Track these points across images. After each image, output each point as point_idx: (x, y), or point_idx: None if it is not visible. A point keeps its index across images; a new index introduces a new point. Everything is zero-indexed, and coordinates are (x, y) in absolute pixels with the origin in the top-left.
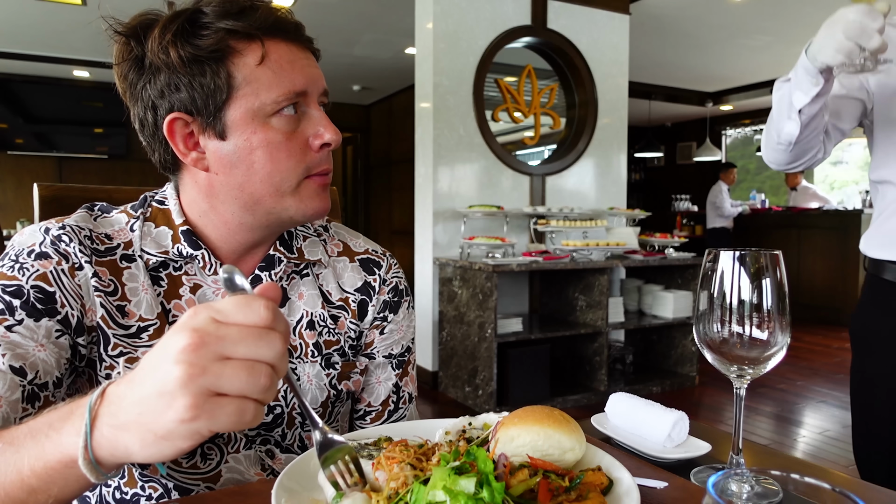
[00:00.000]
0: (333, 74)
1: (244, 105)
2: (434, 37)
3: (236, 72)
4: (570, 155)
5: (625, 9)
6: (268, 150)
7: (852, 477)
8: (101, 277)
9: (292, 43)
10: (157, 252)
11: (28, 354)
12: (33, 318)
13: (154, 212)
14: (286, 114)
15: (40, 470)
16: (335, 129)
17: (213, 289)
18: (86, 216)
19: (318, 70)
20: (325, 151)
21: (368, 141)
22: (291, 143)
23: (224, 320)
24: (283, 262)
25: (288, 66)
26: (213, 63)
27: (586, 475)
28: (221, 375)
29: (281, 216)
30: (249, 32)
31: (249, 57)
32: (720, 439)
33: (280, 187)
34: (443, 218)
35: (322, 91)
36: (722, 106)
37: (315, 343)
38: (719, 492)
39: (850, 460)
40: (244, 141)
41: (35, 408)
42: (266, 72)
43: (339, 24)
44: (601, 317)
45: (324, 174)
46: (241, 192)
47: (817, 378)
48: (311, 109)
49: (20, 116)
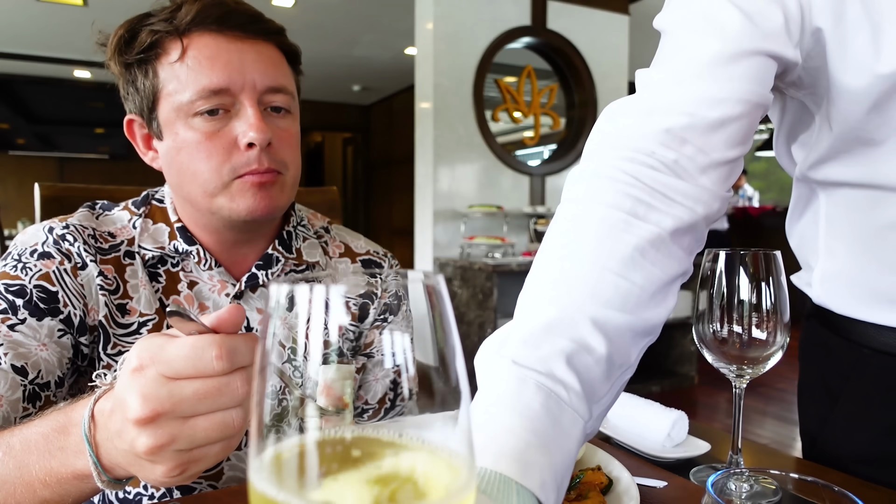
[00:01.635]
0: (333, 74)
1: (169, 104)
2: (434, 37)
3: (161, 71)
4: (570, 155)
5: (624, 9)
6: (189, 150)
7: (852, 477)
8: (105, 276)
9: (220, 35)
10: (153, 248)
11: (30, 354)
12: (36, 317)
13: (153, 209)
14: (206, 112)
15: (54, 484)
16: (261, 128)
17: (210, 285)
18: (88, 215)
19: (258, 63)
20: (253, 151)
21: (368, 141)
22: (214, 143)
23: (175, 376)
24: (282, 261)
25: (206, 61)
26: (143, 65)
27: (586, 475)
28: (193, 437)
29: (221, 216)
30: (169, 30)
31: (172, 54)
32: (719, 439)
33: (206, 187)
34: (443, 218)
35: (264, 88)
36: None
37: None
38: (718, 491)
39: None
40: (172, 141)
41: (36, 407)
42: (182, 69)
43: (339, 24)
44: None
45: (256, 173)
46: (181, 191)
47: None
48: (244, 106)
49: (22, 117)
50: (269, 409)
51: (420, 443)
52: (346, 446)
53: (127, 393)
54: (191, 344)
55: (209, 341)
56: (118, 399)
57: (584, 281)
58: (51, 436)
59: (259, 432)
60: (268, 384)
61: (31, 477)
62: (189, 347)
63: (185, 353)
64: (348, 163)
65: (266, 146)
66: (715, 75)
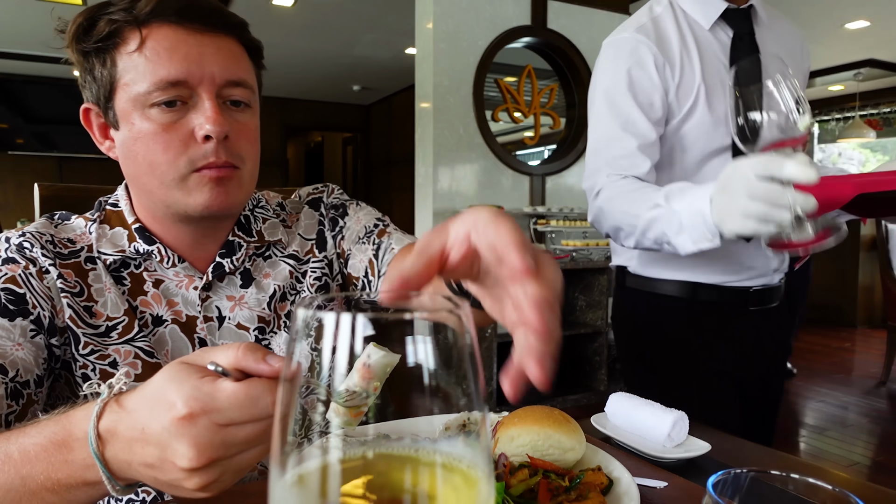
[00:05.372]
0: (333, 74)
1: (125, 94)
2: (434, 37)
3: (119, 61)
4: (570, 155)
5: (625, 9)
6: (145, 141)
7: (852, 477)
8: (66, 279)
9: (180, 26)
10: (113, 251)
11: (7, 353)
12: (7, 318)
13: (108, 214)
14: (163, 104)
15: (62, 491)
16: (217, 120)
17: (176, 281)
18: (46, 223)
19: (218, 56)
20: (210, 144)
21: (368, 141)
22: (170, 135)
23: (228, 423)
24: (244, 246)
25: (164, 52)
26: (100, 54)
27: (586, 475)
28: (239, 469)
29: (177, 209)
30: (128, 19)
31: (131, 44)
32: (720, 439)
33: (163, 180)
34: (443, 218)
35: (223, 82)
36: None
37: (287, 313)
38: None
39: (851, 460)
40: (128, 131)
41: (19, 405)
42: (140, 60)
43: (339, 24)
44: (601, 316)
45: (214, 167)
46: (138, 182)
47: (817, 378)
48: (202, 99)
49: (20, 116)
50: (293, 422)
51: (436, 456)
52: (367, 463)
53: (176, 442)
54: (245, 392)
55: (264, 388)
56: (161, 444)
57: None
58: (51, 449)
59: (282, 443)
60: (295, 403)
61: (37, 486)
62: (245, 396)
63: (241, 401)
64: (348, 163)
65: (223, 139)
66: (640, 156)
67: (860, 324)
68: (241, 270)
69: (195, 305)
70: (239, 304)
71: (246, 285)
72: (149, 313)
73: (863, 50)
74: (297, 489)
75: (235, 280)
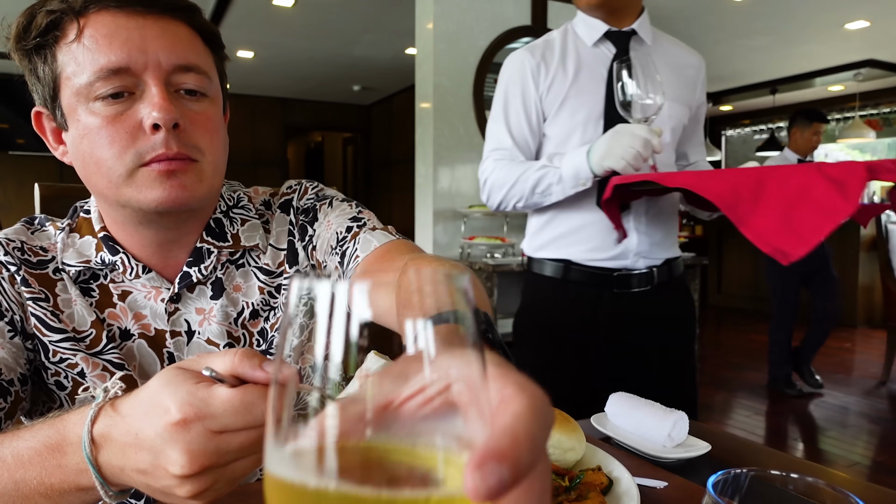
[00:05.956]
0: (333, 74)
1: (69, 89)
2: (434, 37)
3: (59, 54)
4: None
5: None
6: (90, 136)
7: (852, 477)
8: (31, 286)
9: (120, 11)
10: (77, 262)
11: None
12: None
13: (80, 222)
14: (106, 94)
15: (55, 496)
16: (164, 107)
17: (143, 293)
18: (22, 229)
19: (163, 40)
20: (159, 134)
21: (368, 141)
22: (115, 128)
23: (222, 430)
24: (214, 252)
25: (104, 39)
26: (42, 50)
27: (586, 475)
28: (233, 477)
29: (131, 208)
30: (65, 9)
31: (70, 35)
32: (720, 439)
33: (111, 177)
34: (443, 218)
35: (171, 67)
36: (721, 106)
37: (260, 330)
38: (719, 491)
39: (851, 460)
40: (75, 129)
41: (7, 402)
42: (79, 50)
43: (339, 24)
44: None
45: (164, 160)
46: (90, 185)
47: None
48: (149, 86)
49: (21, 117)
50: (288, 407)
51: (435, 448)
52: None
53: (169, 448)
54: (240, 399)
55: (259, 395)
56: (154, 449)
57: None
58: (44, 453)
59: (277, 425)
60: (288, 388)
61: (30, 490)
62: (240, 403)
63: (236, 407)
64: (348, 163)
65: (173, 129)
66: (516, 150)
67: (860, 324)
68: (213, 280)
69: (163, 318)
70: (208, 317)
71: (216, 296)
72: (116, 326)
73: (863, 50)
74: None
75: (206, 290)
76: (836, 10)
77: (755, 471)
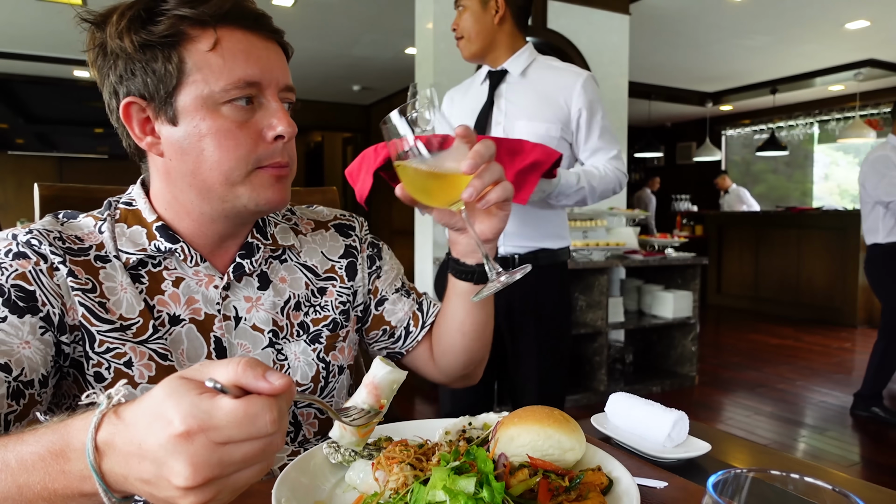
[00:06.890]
0: (333, 74)
1: (194, 91)
2: (434, 37)
3: (188, 57)
4: None
5: (625, 9)
6: (216, 137)
7: (852, 477)
8: (77, 276)
9: (250, 32)
10: (134, 250)
11: (13, 351)
12: (17, 314)
13: (123, 213)
14: (238, 104)
15: (58, 501)
16: (289, 122)
17: (196, 280)
18: (52, 221)
19: (280, 63)
20: (278, 143)
21: (369, 141)
22: (242, 133)
23: (226, 441)
24: (261, 248)
25: (241, 54)
26: (165, 49)
27: (586, 475)
28: (236, 487)
29: (235, 205)
30: (202, 19)
31: (202, 43)
32: (720, 439)
33: (229, 176)
34: None
35: (284, 86)
36: (722, 106)
37: (300, 323)
38: (719, 491)
39: (851, 460)
40: (193, 127)
41: (20, 405)
42: (217, 59)
43: (339, 24)
44: (601, 317)
45: (278, 166)
46: (194, 179)
47: (817, 378)
48: (269, 101)
49: (21, 116)
50: None
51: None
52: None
53: (173, 459)
54: (244, 410)
55: (263, 406)
56: (157, 460)
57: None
58: (48, 459)
59: None
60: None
61: (34, 494)
62: (243, 414)
63: (239, 419)
64: (348, 163)
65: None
66: None
67: (860, 324)
68: (259, 272)
69: (214, 304)
70: (255, 305)
71: (263, 287)
72: (166, 312)
73: (863, 50)
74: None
75: (253, 282)
76: (836, 10)
77: (755, 471)
